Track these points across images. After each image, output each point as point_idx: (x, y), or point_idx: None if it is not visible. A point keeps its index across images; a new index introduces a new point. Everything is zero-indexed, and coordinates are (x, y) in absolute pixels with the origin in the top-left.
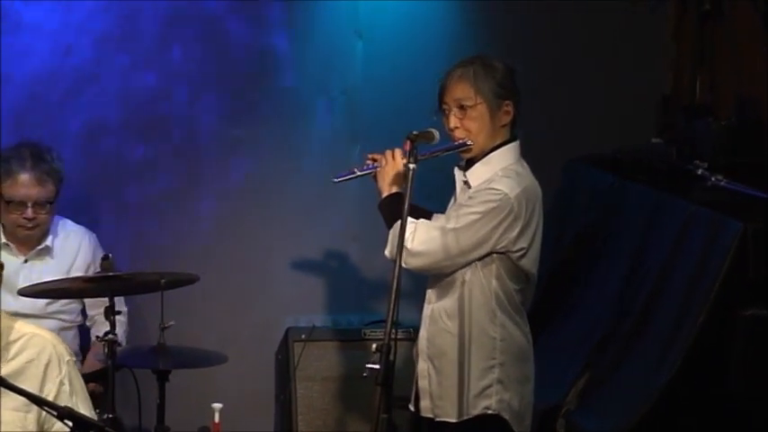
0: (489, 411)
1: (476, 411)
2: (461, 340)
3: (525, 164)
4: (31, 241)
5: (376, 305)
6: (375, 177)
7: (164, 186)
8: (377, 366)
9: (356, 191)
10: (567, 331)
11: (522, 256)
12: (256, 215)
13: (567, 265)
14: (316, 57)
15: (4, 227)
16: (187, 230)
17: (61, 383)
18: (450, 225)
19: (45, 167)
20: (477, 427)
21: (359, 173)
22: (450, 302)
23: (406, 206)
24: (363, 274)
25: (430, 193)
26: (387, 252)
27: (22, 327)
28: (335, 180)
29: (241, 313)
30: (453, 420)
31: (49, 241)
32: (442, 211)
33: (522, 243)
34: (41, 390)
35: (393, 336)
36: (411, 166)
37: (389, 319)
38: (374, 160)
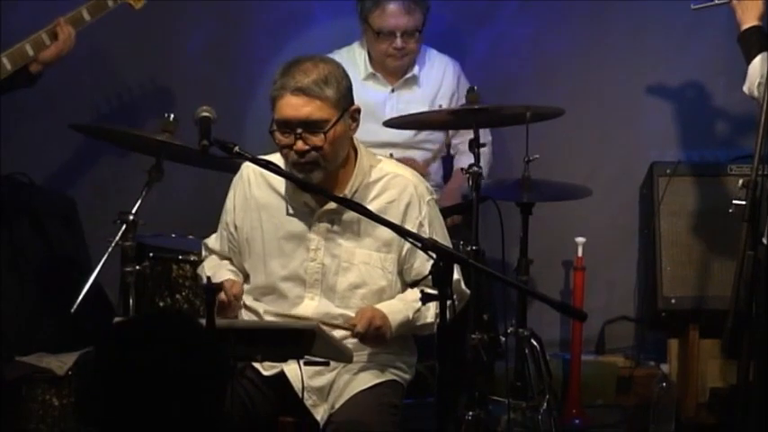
0: None
1: None
2: None
3: None
4: (399, 71)
5: (742, 140)
6: (735, 8)
7: (532, 20)
8: (743, 202)
9: (724, 22)
10: None
11: None
12: (621, 46)
13: None
14: None
15: (370, 57)
16: (552, 64)
17: (420, 224)
18: None
19: None
20: None
21: (717, 1)
22: None
23: None
24: (729, 109)
25: None
26: (745, 88)
27: (384, 166)
28: (694, 6)
29: (606, 147)
30: None
31: (415, 70)
32: None
33: None
34: None
35: (760, 172)
36: None
37: (757, 155)
38: None
